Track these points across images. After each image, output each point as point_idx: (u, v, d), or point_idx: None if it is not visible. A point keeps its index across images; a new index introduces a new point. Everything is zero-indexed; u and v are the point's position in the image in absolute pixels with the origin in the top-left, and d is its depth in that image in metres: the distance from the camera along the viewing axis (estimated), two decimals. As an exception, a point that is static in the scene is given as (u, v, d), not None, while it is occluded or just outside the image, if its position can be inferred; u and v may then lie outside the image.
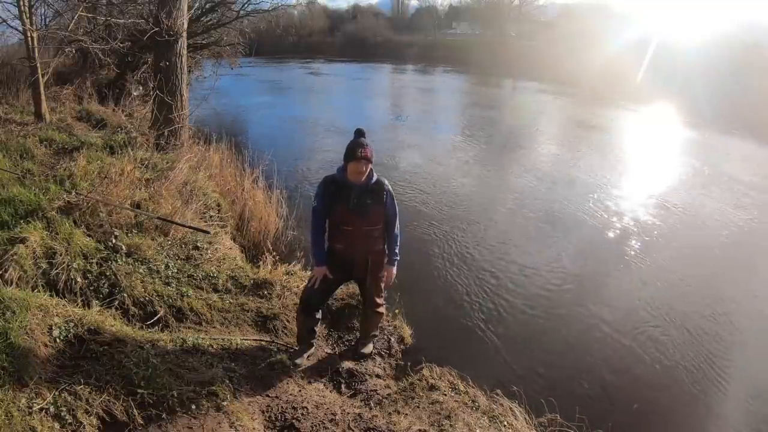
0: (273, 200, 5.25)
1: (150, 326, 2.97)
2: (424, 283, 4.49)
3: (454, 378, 3.06)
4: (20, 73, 7.55)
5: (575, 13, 33.92)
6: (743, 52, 20.82)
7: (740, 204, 6.90)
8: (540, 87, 20.03)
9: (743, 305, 4.37)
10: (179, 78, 6.20)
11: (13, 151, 4.76)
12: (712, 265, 5.09)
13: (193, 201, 4.38)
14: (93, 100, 7.98)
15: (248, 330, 3.23)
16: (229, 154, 6.29)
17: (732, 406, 3.22)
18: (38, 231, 3.17)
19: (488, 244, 5.37)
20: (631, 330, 3.91)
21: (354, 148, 2.63)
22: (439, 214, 6.18)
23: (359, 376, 3.01)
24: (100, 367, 2.31)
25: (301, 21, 42.03)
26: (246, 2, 10.26)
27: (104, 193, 3.84)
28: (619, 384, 3.35)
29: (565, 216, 6.21)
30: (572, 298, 4.34)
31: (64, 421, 2.02)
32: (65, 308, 2.64)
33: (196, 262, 3.62)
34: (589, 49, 22.62)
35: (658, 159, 9.43)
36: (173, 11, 5.87)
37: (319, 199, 2.76)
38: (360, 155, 2.60)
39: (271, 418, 2.49)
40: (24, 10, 5.61)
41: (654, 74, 19.40)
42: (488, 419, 2.69)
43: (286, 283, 3.67)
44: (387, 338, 3.42)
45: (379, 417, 2.56)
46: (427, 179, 7.51)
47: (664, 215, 6.33)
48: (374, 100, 16.89)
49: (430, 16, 46.93)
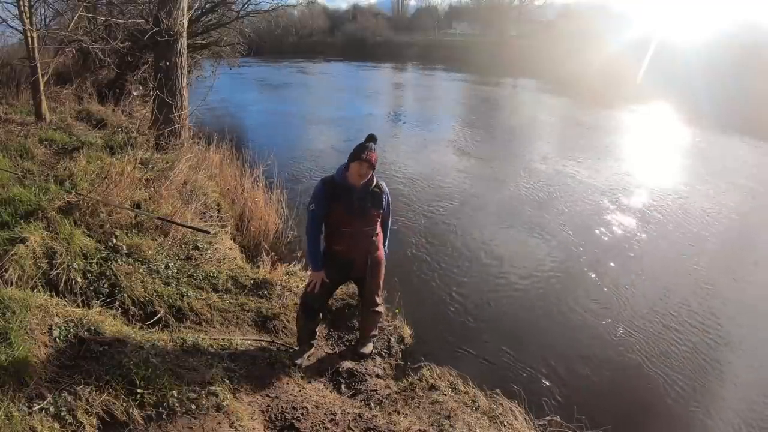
0: (273, 200, 5.24)
1: (150, 326, 2.97)
2: (424, 283, 4.49)
3: (454, 378, 3.06)
4: (20, 73, 7.56)
5: (575, 13, 33.97)
6: (743, 53, 20.81)
7: (740, 202, 6.91)
8: (540, 87, 20.05)
9: (744, 305, 4.37)
10: (179, 78, 6.20)
11: (13, 151, 4.76)
12: (712, 262, 5.09)
13: (193, 201, 4.38)
14: (93, 100, 7.98)
15: (248, 330, 3.23)
16: (229, 154, 6.29)
17: (732, 405, 3.22)
18: (38, 231, 3.17)
19: (488, 244, 5.36)
20: (632, 330, 3.90)
21: (361, 150, 2.62)
22: (438, 213, 6.18)
23: (359, 376, 3.01)
24: (100, 367, 2.31)
25: (301, 21, 42.08)
26: (246, 2, 10.26)
27: (104, 193, 3.84)
28: (619, 384, 3.35)
29: (566, 216, 6.21)
30: (573, 299, 4.33)
31: (64, 421, 2.02)
32: (65, 308, 2.64)
33: (196, 262, 3.63)
34: (589, 49, 22.64)
35: (658, 158, 9.42)
36: (173, 11, 5.88)
37: (318, 202, 2.71)
38: (364, 158, 2.60)
39: (271, 418, 2.49)
40: (24, 10, 5.62)
41: (654, 74, 19.42)
42: (488, 419, 2.69)
43: (286, 283, 3.68)
44: (387, 338, 3.42)
45: (379, 417, 2.56)
46: (426, 179, 7.50)
47: (663, 214, 6.32)
48: (374, 100, 16.89)
49: (430, 16, 47.04)
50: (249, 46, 11.50)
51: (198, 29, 9.62)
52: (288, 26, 35.43)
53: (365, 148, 2.62)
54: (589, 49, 22.52)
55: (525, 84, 21.61)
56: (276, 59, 29.12)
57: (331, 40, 41.61)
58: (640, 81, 19.21)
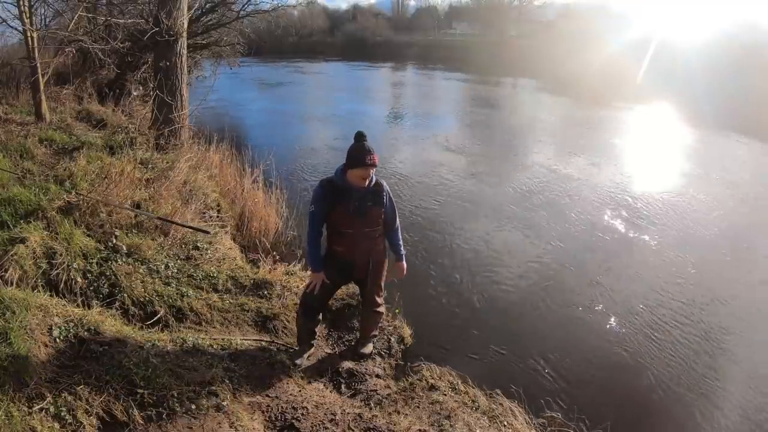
0: (273, 200, 5.24)
1: (150, 326, 2.97)
2: (424, 283, 4.49)
3: (454, 378, 3.06)
4: (20, 73, 7.56)
5: (575, 13, 34.01)
6: (743, 53, 20.82)
7: (739, 201, 6.91)
8: (540, 87, 20.05)
9: (744, 304, 4.36)
10: (179, 78, 6.21)
11: (13, 151, 4.76)
12: (711, 261, 5.09)
13: (193, 201, 4.39)
14: (93, 100, 7.98)
15: (248, 330, 3.23)
16: (229, 154, 6.29)
17: (732, 403, 3.22)
18: (38, 231, 3.17)
19: (489, 243, 5.36)
20: (632, 330, 3.90)
21: (362, 154, 2.55)
22: (438, 213, 6.18)
23: (359, 376, 3.01)
24: (100, 367, 2.31)
25: (301, 21, 42.10)
26: (246, 2, 10.28)
27: (104, 193, 3.84)
28: (619, 382, 3.35)
29: (566, 215, 6.20)
30: (573, 299, 4.34)
31: (64, 421, 2.02)
32: (65, 308, 2.64)
33: (196, 262, 3.63)
34: (589, 49, 22.67)
35: (657, 158, 9.42)
36: (173, 11, 5.88)
37: (318, 203, 2.69)
38: (368, 162, 2.54)
39: (271, 418, 2.49)
40: (24, 10, 5.62)
41: (654, 74, 19.43)
42: (488, 419, 2.70)
43: (286, 283, 3.68)
44: (387, 338, 3.42)
45: (379, 417, 2.56)
46: (426, 178, 7.50)
47: (663, 213, 6.32)
48: (374, 100, 16.90)
49: (430, 16, 47.09)
50: (249, 46, 11.50)
51: (198, 29, 9.62)
52: (288, 26, 35.53)
53: (366, 152, 2.55)
54: (589, 49, 22.55)
55: (525, 84, 21.61)
56: (276, 59, 29.12)
57: (331, 40, 41.65)
58: (640, 81, 19.22)
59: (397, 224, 2.91)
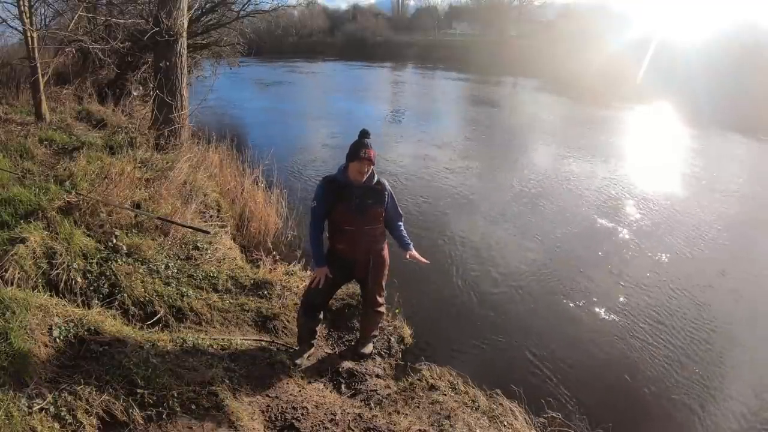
0: (273, 200, 5.24)
1: (150, 326, 2.97)
2: (424, 283, 4.49)
3: (454, 378, 3.06)
4: (20, 73, 7.56)
5: (575, 13, 33.96)
6: (743, 52, 20.81)
7: (739, 201, 6.90)
8: (540, 87, 20.05)
9: (744, 304, 4.37)
10: (179, 78, 6.21)
11: (13, 151, 4.76)
12: (711, 261, 5.09)
13: (192, 201, 4.38)
14: (93, 100, 7.98)
15: (248, 330, 3.23)
16: (229, 154, 6.29)
17: (733, 403, 3.21)
18: (38, 231, 3.17)
19: (489, 243, 5.36)
20: (633, 329, 3.90)
21: (358, 148, 2.63)
22: (437, 212, 6.18)
23: (359, 376, 3.01)
24: (100, 367, 2.31)
25: (301, 21, 42.09)
26: (246, 2, 10.27)
27: (104, 193, 3.84)
28: (620, 382, 3.35)
29: (566, 215, 6.20)
30: (573, 299, 4.33)
31: (64, 421, 2.02)
32: (65, 308, 2.64)
33: (196, 262, 3.63)
34: (589, 49, 22.65)
35: (657, 157, 9.41)
36: (173, 11, 5.88)
37: (319, 200, 2.74)
38: (363, 156, 2.61)
39: (271, 418, 2.49)
40: (24, 10, 5.62)
41: (654, 74, 19.41)
42: (488, 419, 2.69)
43: (286, 283, 3.68)
44: (387, 338, 3.42)
45: (379, 417, 2.56)
46: (426, 177, 7.51)
47: (663, 212, 6.32)
48: (374, 100, 16.90)
49: (430, 16, 47.05)
50: (249, 46, 11.49)
51: (198, 29, 9.62)
52: (288, 26, 35.53)
53: (362, 146, 2.63)
54: (589, 49, 22.53)
55: (525, 84, 21.60)
56: (276, 59, 29.10)
57: (331, 40, 41.61)
58: (640, 81, 19.21)
59: (401, 222, 2.95)
